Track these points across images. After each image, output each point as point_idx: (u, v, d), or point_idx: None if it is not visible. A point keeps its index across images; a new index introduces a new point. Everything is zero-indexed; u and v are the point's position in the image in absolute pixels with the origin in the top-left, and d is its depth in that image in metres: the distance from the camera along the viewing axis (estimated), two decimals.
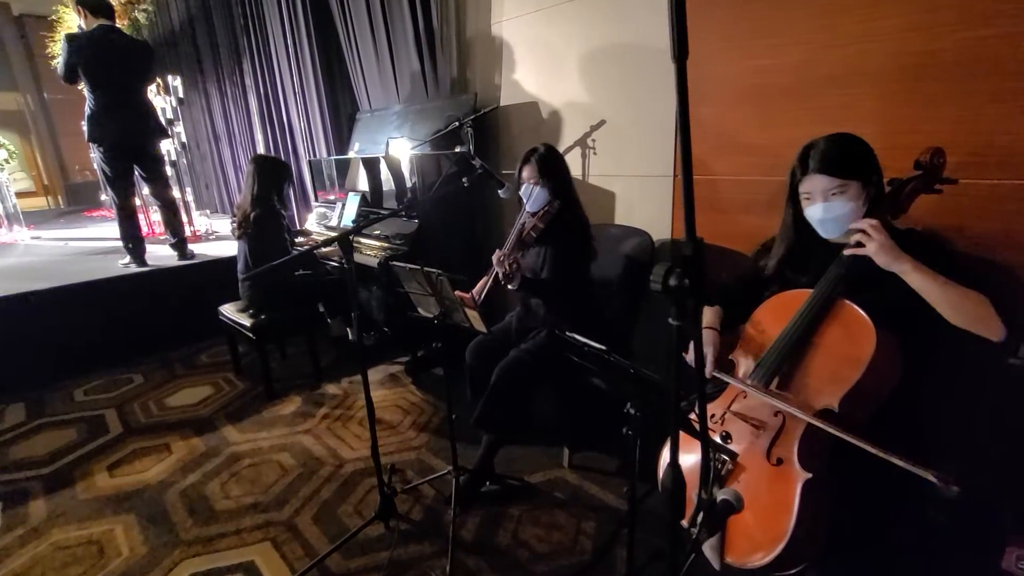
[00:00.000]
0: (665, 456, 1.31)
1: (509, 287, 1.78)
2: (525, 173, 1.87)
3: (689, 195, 0.63)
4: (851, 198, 1.15)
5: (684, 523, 1.04)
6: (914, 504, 1.41)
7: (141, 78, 3.31)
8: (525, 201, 1.86)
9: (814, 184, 1.18)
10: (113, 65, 3.10)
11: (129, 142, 3.24)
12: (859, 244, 1.13)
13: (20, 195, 5.15)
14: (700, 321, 0.68)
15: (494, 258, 1.77)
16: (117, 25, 3.27)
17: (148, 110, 3.36)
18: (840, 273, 1.16)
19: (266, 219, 2.50)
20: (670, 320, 0.68)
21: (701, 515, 0.83)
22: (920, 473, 0.93)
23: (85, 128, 3.20)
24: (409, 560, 1.58)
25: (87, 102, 3.14)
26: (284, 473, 2.02)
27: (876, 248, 1.09)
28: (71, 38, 3.04)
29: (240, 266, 2.66)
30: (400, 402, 2.54)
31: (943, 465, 1.42)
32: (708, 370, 1.31)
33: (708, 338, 1.38)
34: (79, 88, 3.23)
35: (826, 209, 1.17)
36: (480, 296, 1.87)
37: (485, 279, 1.88)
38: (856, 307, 1.12)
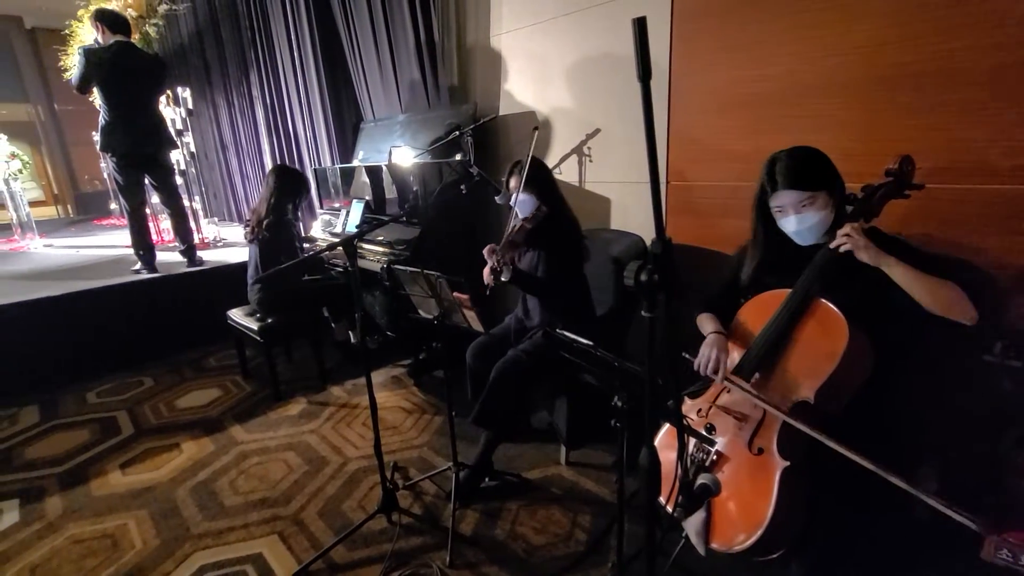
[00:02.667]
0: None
1: (502, 279, 1.84)
2: (512, 183, 1.95)
3: (657, 200, 0.70)
4: (820, 207, 1.24)
5: (662, 501, 1.10)
6: (897, 498, 1.47)
7: (154, 92, 3.44)
8: (516, 209, 1.94)
9: (785, 199, 1.26)
10: (128, 79, 3.23)
11: (140, 152, 3.35)
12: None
13: (30, 204, 5.25)
14: (668, 308, 0.75)
15: (485, 251, 1.83)
16: (132, 41, 3.39)
17: (159, 122, 3.48)
18: (815, 274, 1.23)
19: (279, 226, 2.59)
20: (643, 312, 0.75)
21: (679, 495, 0.89)
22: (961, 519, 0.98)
23: (98, 138, 3.31)
24: (411, 551, 1.64)
25: (101, 113, 3.26)
26: (290, 471, 2.09)
27: (863, 246, 1.17)
28: (89, 52, 3.15)
29: (251, 271, 2.74)
30: (402, 403, 2.61)
31: (922, 465, 1.48)
32: (723, 374, 1.33)
33: (719, 342, 1.39)
34: (91, 100, 3.34)
35: (800, 220, 1.26)
36: (487, 282, 1.88)
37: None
38: (830, 305, 1.19)
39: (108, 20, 3.21)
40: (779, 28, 1.70)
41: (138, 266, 3.48)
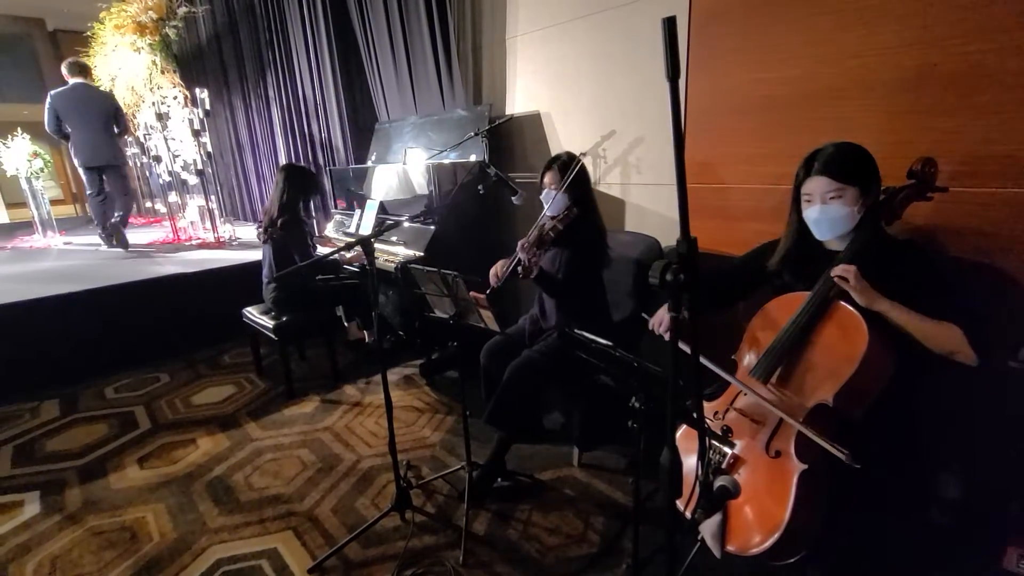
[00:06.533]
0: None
1: (523, 277, 1.83)
2: (547, 179, 1.94)
3: (683, 200, 0.70)
4: (848, 203, 1.21)
5: (680, 504, 1.09)
6: (918, 504, 1.45)
7: (107, 117, 4.40)
8: (545, 205, 1.93)
9: (815, 186, 1.24)
10: (84, 109, 4.29)
11: (95, 161, 4.40)
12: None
13: (51, 202, 5.36)
14: (696, 311, 0.75)
15: (519, 245, 1.82)
16: (89, 81, 4.50)
17: (109, 138, 4.43)
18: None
19: (291, 225, 2.61)
20: (667, 312, 0.75)
21: (699, 496, 0.89)
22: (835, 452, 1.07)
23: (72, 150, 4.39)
24: (424, 550, 1.65)
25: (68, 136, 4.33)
26: (304, 467, 2.11)
27: (857, 290, 1.17)
28: (52, 97, 4.25)
29: (264, 270, 2.77)
30: (415, 403, 2.62)
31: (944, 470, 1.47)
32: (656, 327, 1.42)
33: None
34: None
35: (822, 211, 1.24)
36: (502, 276, 1.87)
37: (506, 261, 1.90)
38: (850, 307, 1.18)
39: (69, 68, 4.32)
40: (799, 30, 1.69)
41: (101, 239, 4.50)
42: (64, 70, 4.38)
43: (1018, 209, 1.37)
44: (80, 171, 4.48)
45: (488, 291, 1.71)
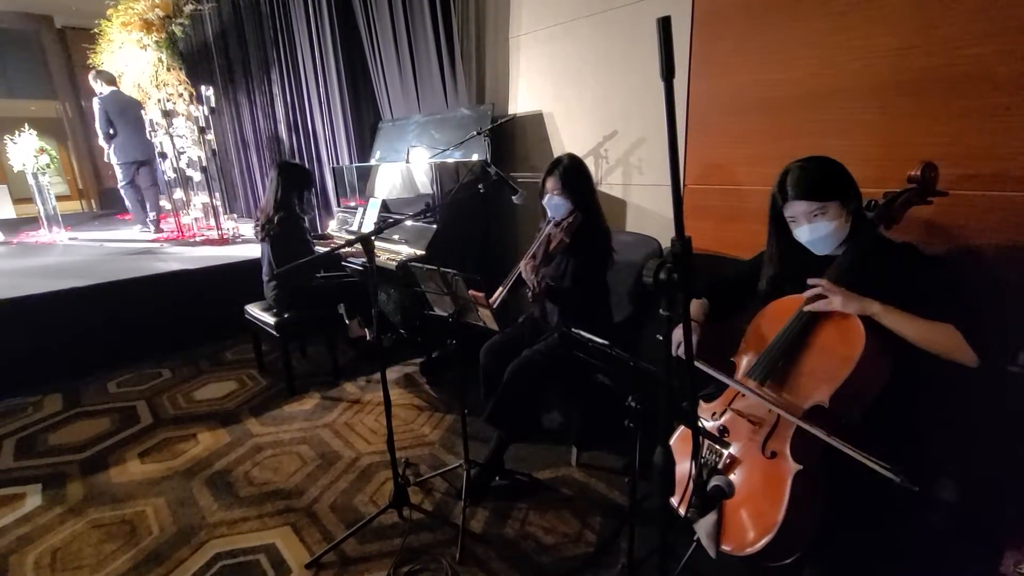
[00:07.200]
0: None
1: (533, 300, 1.84)
2: (549, 184, 1.92)
3: (678, 199, 0.70)
4: (833, 217, 1.22)
5: (674, 501, 1.09)
6: (915, 507, 1.44)
7: (142, 119, 4.92)
8: (549, 211, 1.93)
9: (796, 209, 1.25)
10: (125, 112, 4.91)
11: (133, 158, 4.98)
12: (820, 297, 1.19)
13: (57, 198, 5.38)
14: (688, 311, 0.75)
15: (523, 266, 1.83)
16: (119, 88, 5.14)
17: (144, 139, 4.87)
18: (832, 279, 1.22)
19: (288, 222, 2.61)
20: (660, 311, 0.75)
21: (692, 495, 0.89)
22: (882, 471, 1.02)
23: (109, 148, 4.98)
24: (421, 547, 1.66)
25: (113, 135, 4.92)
26: (304, 464, 2.12)
27: (840, 302, 1.17)
28: (102, 101, 4.86)
29: (264, 268, 2.78)
30: (414, 401, 2.63)
31: (942, 472, 1.46)
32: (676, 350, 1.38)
33: (687, 326, 1.42)
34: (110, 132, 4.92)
35: (812, 230, 1.24)
36: (495, 303, 1.93)
37: (501, 289, 1.94)
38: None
39: (104, 78, 4.90)
40: (803, 31, 1.69)
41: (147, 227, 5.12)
42: (95, 80, 4.88)
43: (1018, 212, 1.36)
44: (117, 167, 5.09)
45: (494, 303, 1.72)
